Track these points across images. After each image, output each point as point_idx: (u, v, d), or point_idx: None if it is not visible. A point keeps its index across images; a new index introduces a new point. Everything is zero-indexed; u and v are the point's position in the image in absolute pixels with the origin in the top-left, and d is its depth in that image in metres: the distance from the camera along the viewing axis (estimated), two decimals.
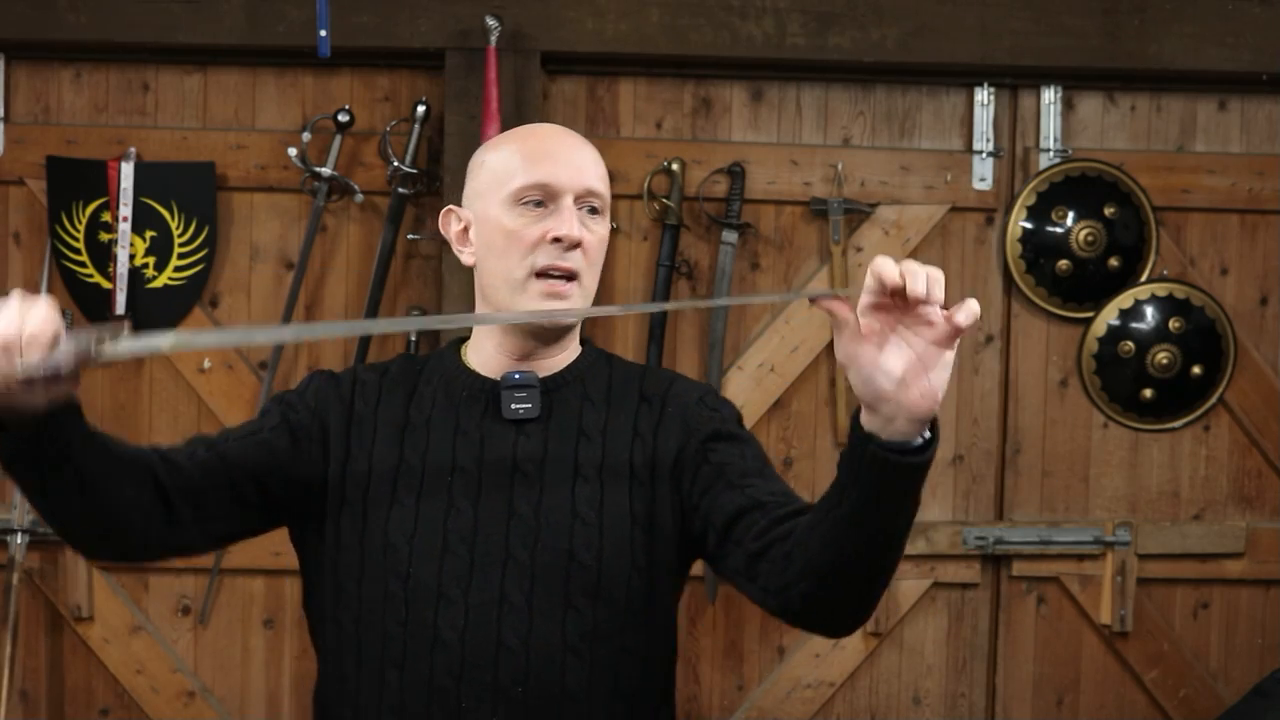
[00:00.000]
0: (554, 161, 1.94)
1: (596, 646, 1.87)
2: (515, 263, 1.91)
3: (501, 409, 1.93)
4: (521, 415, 1.93)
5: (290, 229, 3.99)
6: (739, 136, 4.04)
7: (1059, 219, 4.05)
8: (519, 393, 1.93)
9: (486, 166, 1.98)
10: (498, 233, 1.93)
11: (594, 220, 1.95)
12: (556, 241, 1.90)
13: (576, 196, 1.94)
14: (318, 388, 1.99)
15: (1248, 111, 4.13)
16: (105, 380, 3.98)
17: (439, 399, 1.97)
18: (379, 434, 1.94)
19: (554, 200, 1.93)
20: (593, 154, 2.00)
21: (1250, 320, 4.14)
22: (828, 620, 1.80)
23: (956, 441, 4.09)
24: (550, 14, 3.87)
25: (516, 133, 2.03)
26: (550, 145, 1.97)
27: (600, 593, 1.87)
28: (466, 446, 1.92)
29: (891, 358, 1.57)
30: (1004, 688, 4.12)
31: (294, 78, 3.99)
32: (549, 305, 1.90)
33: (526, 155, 1.95)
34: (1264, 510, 4.16)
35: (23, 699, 3.97)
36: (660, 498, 1.91)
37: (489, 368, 1.97)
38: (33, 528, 3.87)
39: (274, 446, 1.93)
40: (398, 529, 1.89)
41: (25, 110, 3.98)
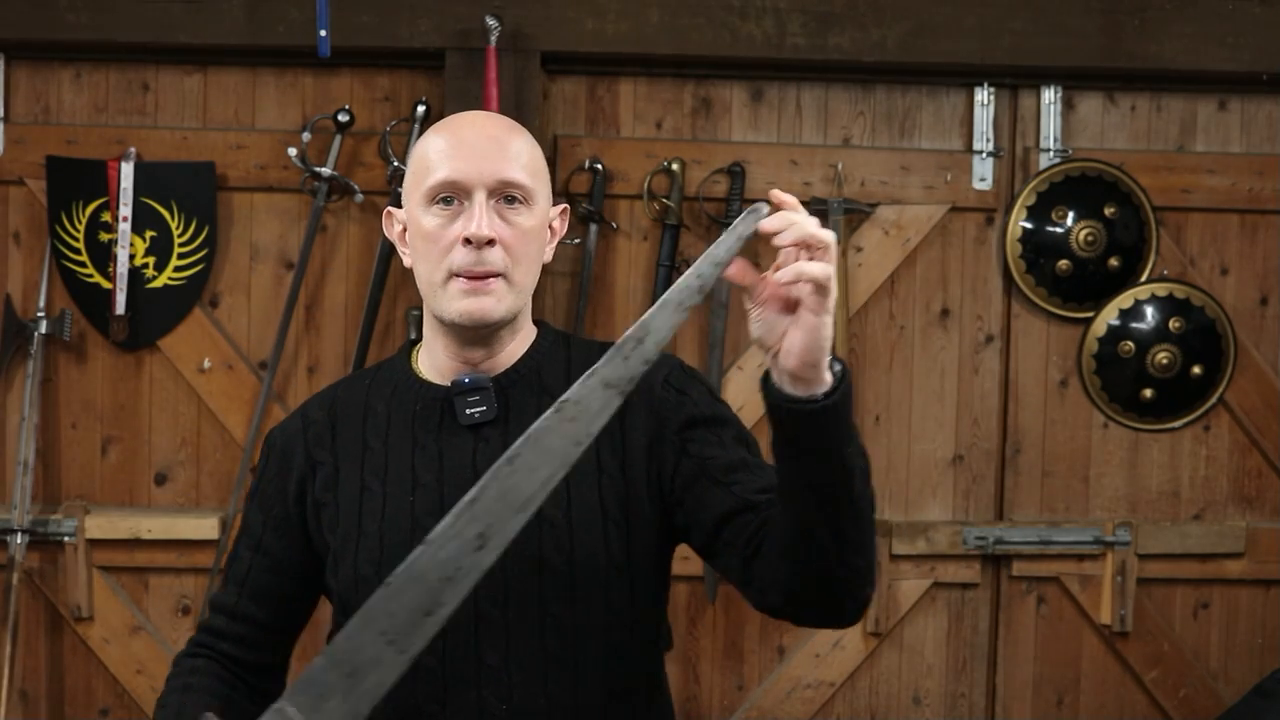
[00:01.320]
0: (464, 156, 1.83)
1: (580, 652, 1.82)
2: (434, 265, 1.83)
3: (457, 416, 1.87)
4: (478, 419, 1.86)
5: (290, 229, 3.99)
6: (739, 136, 4.04)
7: (1059, 219, 4.05)
8: (471, 396, 1.86)
9: (412, 162, 1.90)
10: (418, 235, 1.85)
11: (514, 211, 1.83)
12: (468, 242, 1.80)
13: (490, 190, 1.82)
14: (273, 459, 1.95)
15: (1248, 111, 4.13)
16: (105, 380, 3.98)
17: (394, 416, 1.91)
18: (340, 472, 1.90)
19: (466, 196, 1.83)
20: (514, 141, 1.87)
21: (1250, 320, 4.14)
22: (824, 606, 1.73)
23: (956, 441, 4.09)
24: (550, 14, 3.87)
25: (440, 125, 1.91)
26: (463, 137, 1.86)
27: (576, 597, 1.81)
28: (425, 461, 1.86)
29: (763, 311, 1.63)
30: (1004, 688, 4.12)
31: (294, 78, 3.99)
32: (469, 304, 1.81)
33: (440, 151, 1.85)
34: (1264, 510, 4.16)
35: (23, 699, 3.97)
36: (634, 488, 1.84)
37: (440, 372, 1.91)
38: (33, 528, 3.87)
39: (277, 556, 1.93)
40: (366, 560, 1.84)
41: (25, 110, 3.98)
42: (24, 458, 3.87)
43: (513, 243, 1.82)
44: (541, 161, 1.89)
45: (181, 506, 4.01)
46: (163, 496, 4.01)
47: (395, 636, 1.57)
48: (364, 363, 3.92)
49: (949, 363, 4.08)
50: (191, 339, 3.97)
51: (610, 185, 3.98)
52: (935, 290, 4.07)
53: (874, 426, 4.05)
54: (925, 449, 4.08)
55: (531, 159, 1.87)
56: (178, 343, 3.97)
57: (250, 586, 1.94)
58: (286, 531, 1.93)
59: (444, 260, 1.82)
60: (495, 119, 1.92)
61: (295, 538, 1.92)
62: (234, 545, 1.98)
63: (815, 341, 1.58)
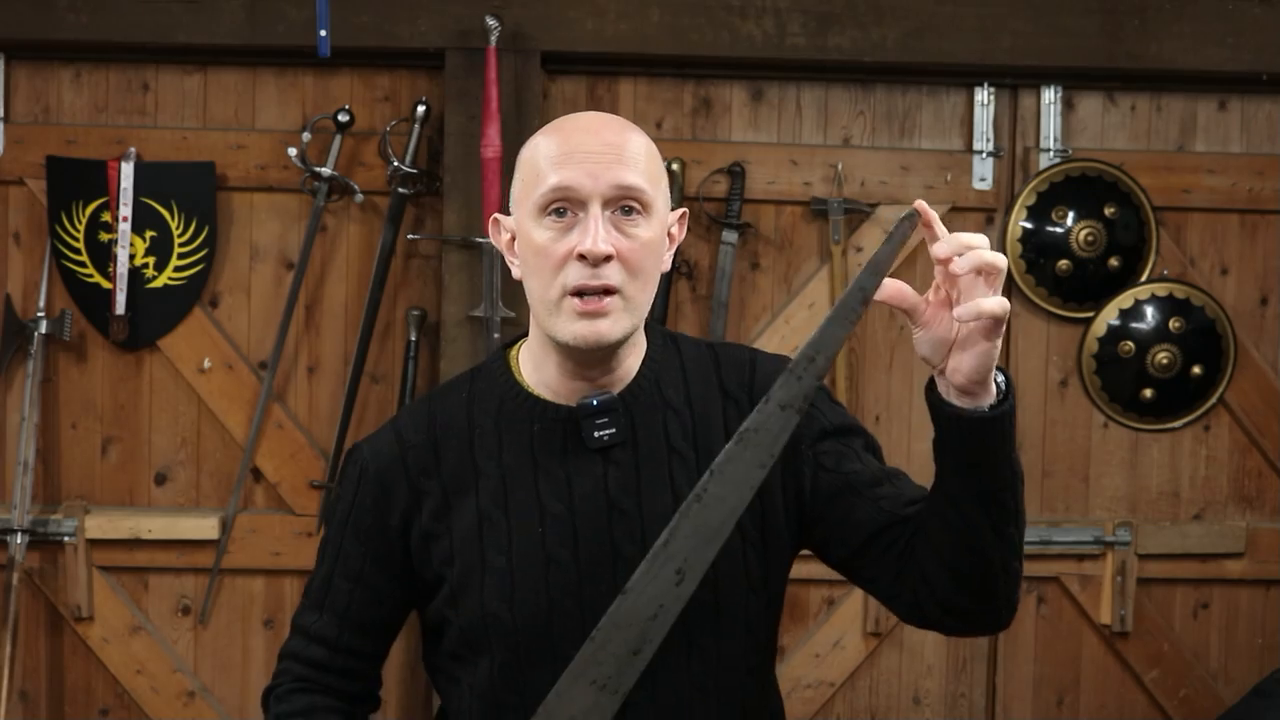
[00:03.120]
0: (577, 162, 1.71)
1: (722, 678, 1.78)
2: (547, 282, 1.72)
3: (583, 438, 1.76)
4: (607, 441, 1.76)
5: (290, 229, 3.99)
6: (739, 136, 4.04)
7: (1059, 219, 4.05)
8: (600, 418, 1.76)
9: (521, 168, 1.78)
10: (529, 248, 1.74)
11: (632, 222, 1.72)
12: (583, 258, 1.69)
13: (606, 200, 1.71)
14: (368, 486, 1.83)
15: (1248, 111, 4.13)
16: (105, 380, 3.98)
17: (506, 436, 1.79)
18: (451, 500, 1.79)
19: (581, 208, 1.71)
20: (630, 144, 1.75)
21: (1250, 320, 4.14)
22: (982, 614, 1.74)
23: None
24: (550, 14, 3.87)
25: (550, 127, 1.80)
26: (576, 141, 1.74)
27: (721, 626, 1.76)
28: (552, 488, 1.76)
29: (928, 332, 1.63)
30: (1004, 688, 4.12)
31: (294, 78, 3.99)
32: (584, 327, 1.70)
33: (550, 156, 1.73)
34: (1264, 510, 4.16)
35: (23, 699, 3.97)
36: (770, 509, 1.78)
37: (554, 390, 1.79)
38: (33, 528, 3.87)
39: (380, 589, 1.85)
40: (494, 596, 1.75)
41: (25, 110, 3.98)
42: (24, 458, 3.87)
43: (631, 257, 1.71)
44: (660, 165, 1.78)
45: (181, 506, 4.00)
46: (163, 496, 4.01)
47: (606, 681, 1.64)
48: (364, 363, 3.92)
49: None
50: (191, 339, 3.97)
51: None
52: None
53: (874, 426, 4.05)
54: (925, 449, 4.04)
55: (649, 163, 1.76)
56: (178, 343, 3.97)
57: (353, 619, 1.86)
58: (389, 564, 1.83)
59: (557, 277, 1.71)
60: (610, 120, 1.80)
61: (397, 570, 1.83)
62: (325, 570, 1.88)
63: (987, 364, 1.60)
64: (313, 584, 1.91)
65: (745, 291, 4.04)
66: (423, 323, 3.91)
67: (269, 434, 3.95)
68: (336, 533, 1.87)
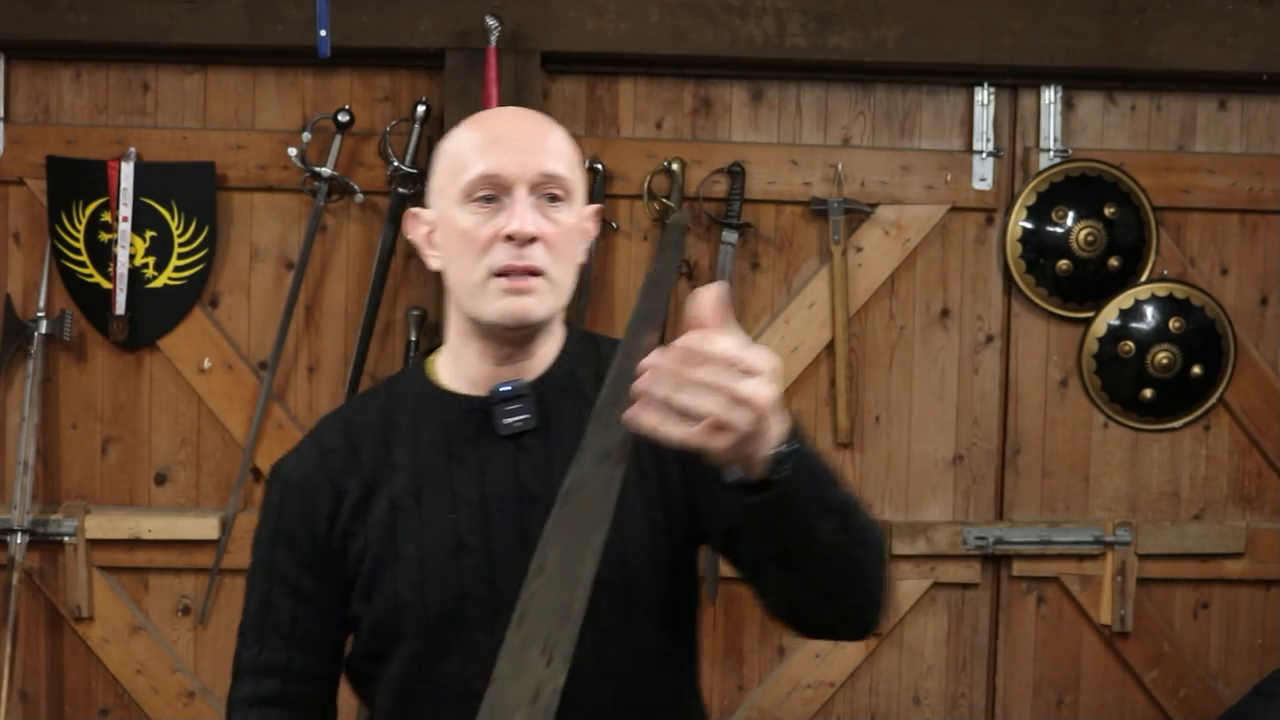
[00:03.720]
0: (503, 149, 1.75)
1: (634, 664, 1.77)
2: (472, 264, 1.74)
3: (495, 426, 1.77)
4: (519, 428, 1.77)
5: (290, 229, 3.99)
6: (739, 136, 4.04)
7: (1059, 219, 4.05)
8: (511, 405, 1.77)
9: (442, 160, 1.81)
10: (453, 234, 1.76)
11: (555, 209, 1.75)
12: (510, 239, 1.72)
13: (531, 185, 1.74)
14: (292, 497, 1.82)
15: (1248, 111, 4.13)
16: (105, 380, 3.98)
17: (422, 430, 1.81)
18: (369, 497, 1.79)
19: (506, 192, 1.74)
20: (552, 136, 1.79)
21: (1250, 320, 4.14)
22: (828, 631, 1.70)
23: (956, 441, 4.09)
24: (550, 14, 3.87)
25: (471, 120, 1.83)
26: (501, 131, 1.78)
27: (631, 610, 1.75)
28: (465, 475, 1.77)
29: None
30: (1004, 688, 4.12)
31: (294, 78, 3.99)
32: (511, 304, 1.73)
33: (475, 145, 1.77)
34: (1264, 510, 4.16)
35: (22, 699, 3.97)
36: (672, 493, 1.78)
37: (470, 381, 1.81)
38: (33, 528, 3.87)
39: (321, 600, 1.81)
40: (407, 585, 1.75)
41: (25, 110, 3.98)
42: (24, 458, 3.87)
43: (555, 240, 1.75)
44: (578, 158, 1.82)
45: (181, 506, 4.00)
46: (163, 496, 4.01)
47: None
48: (364, 363, 3.92)
49: (949, 363, 4.08)
50: (191, 339, 3.97)
51: (610, 185, 3.98)
52: (935, 290, 4.07)
53: (874, 426, 4.05)
54: (925, 449, 4.08)
55: (569, 154, 1.80)
56: (178, 343, 3.97)
57: (299, 638, 1.82)
58: (325, 572, 1.81)
59: (483, 259, 1.74)
60: (530, 114, 1.86)
61: (334, 576, 1.80)
62: (261, 594, 1.84)
63: (732, 459, 1.45)
64: (247, 617, 1.86)
65: (745, 291, 4.04)
66: (423, 323, 3.91)
67: (269, 434, 3.95)
68: (266, 552, 1.84)
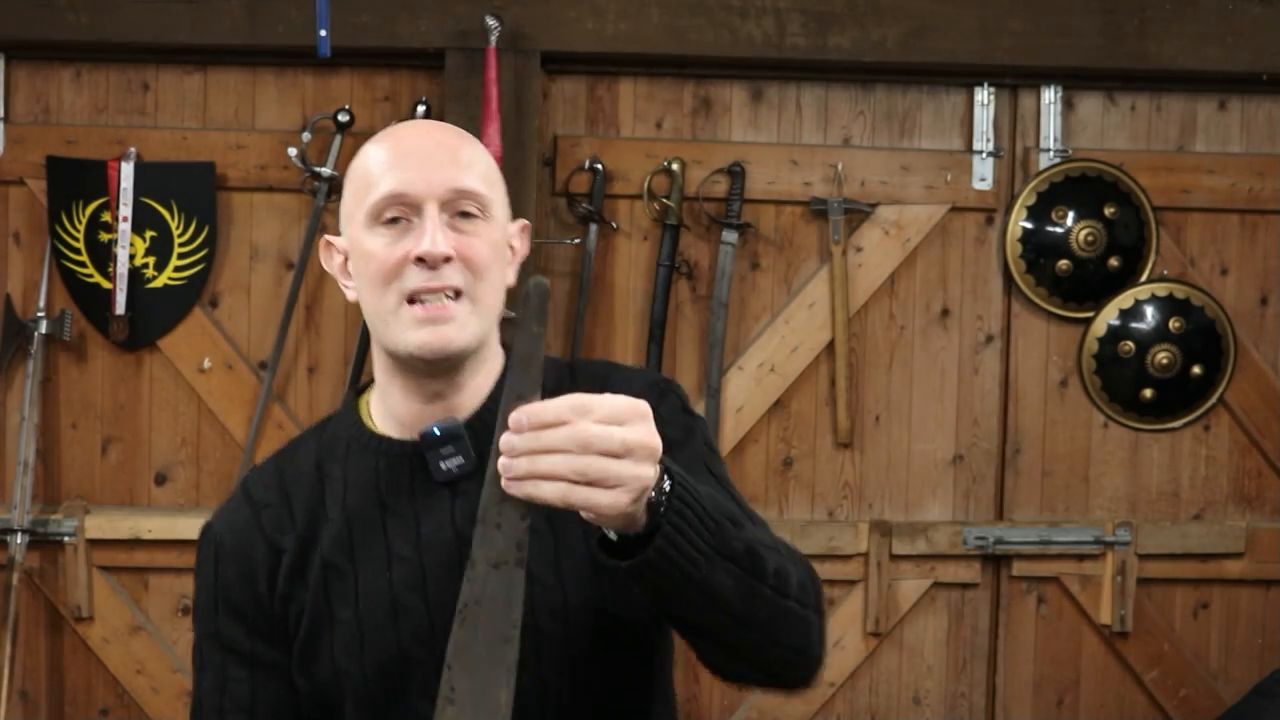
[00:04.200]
0: (409, 165, 1.61)
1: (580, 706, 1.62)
2: (383, 292, 1.60)
3: (430, 472, 1.63)
4: (454, 473, 1.62)
5: (290, 229, 3.99)
6: (739, 136, 4.04)
7: (1059, 219, 4.05)
8: (445, 447, 1.62)
9: (350, 181, 1.67)
10: (361, 260, 1.62)
11: (470, 225, 1.61)
12: (421, 261, 1.58)
13: (443, 203, 1.60)
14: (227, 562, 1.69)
15: (1248, 111, 4.13)
16: (105, 380, 3.99)
17: (352, 479, 1.67)
18: (305, 556, 1.65)
19: (415, 212, 1.60)
20: (466, 149, 1.65)
21: (1250, 320, 4.14)
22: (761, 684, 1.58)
23: (956, 441, 4.09)
24: (550, 14, 3.87)
25: (379, 136, 1.69)
26: (407, 146, 1.64)
27: (575, 659, 1.61)
28: (400, 529, 1.62)
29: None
30: (1004, 688, 4.12)
31: (294, 78, 3.99)
32: (428, 334, 1.59)
33: (381, 163, 1.63)
34: (1264, 510, 4.16)
35: (23, 699, 3.97)
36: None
37: (400, 422, 1.66)
38: (33, 528, 3.87)
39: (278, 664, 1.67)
40: (344, 652, 1.62)
41: (25, 110, 3.98)
42: (24, 458, 3.87)
43: (473, 256, 1.60)
44: (496, 173, 1.68)
45: (181, 506, 4.00)
46: (163, 496, 4.01)
47: None
48: (363, 363, 3.92)
49: (949, 363, 4.08)
50: (191, 339, 3.97)
51: (610, 185, 3.98)
52: (935, 290, 4.07)
53: (874, 426, 4.05)
54: (925, 449, 4.08)
55: (486, 168, 1.66)
56: (178, 343, 3.97)
57: (262, 711, 1.67)
58: (276, 636, 1.66)
59: (394, 285, 1.59)
60: (440, 125, 1.71)
61: (283, 639, 1.67)
62: (214, 670, 1.68)
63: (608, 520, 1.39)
64: (201, 696, 1.70)
65: (745, 291, 4.04)
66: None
67: (269, 434, 3.95)
68: (210, 624, 1.69)
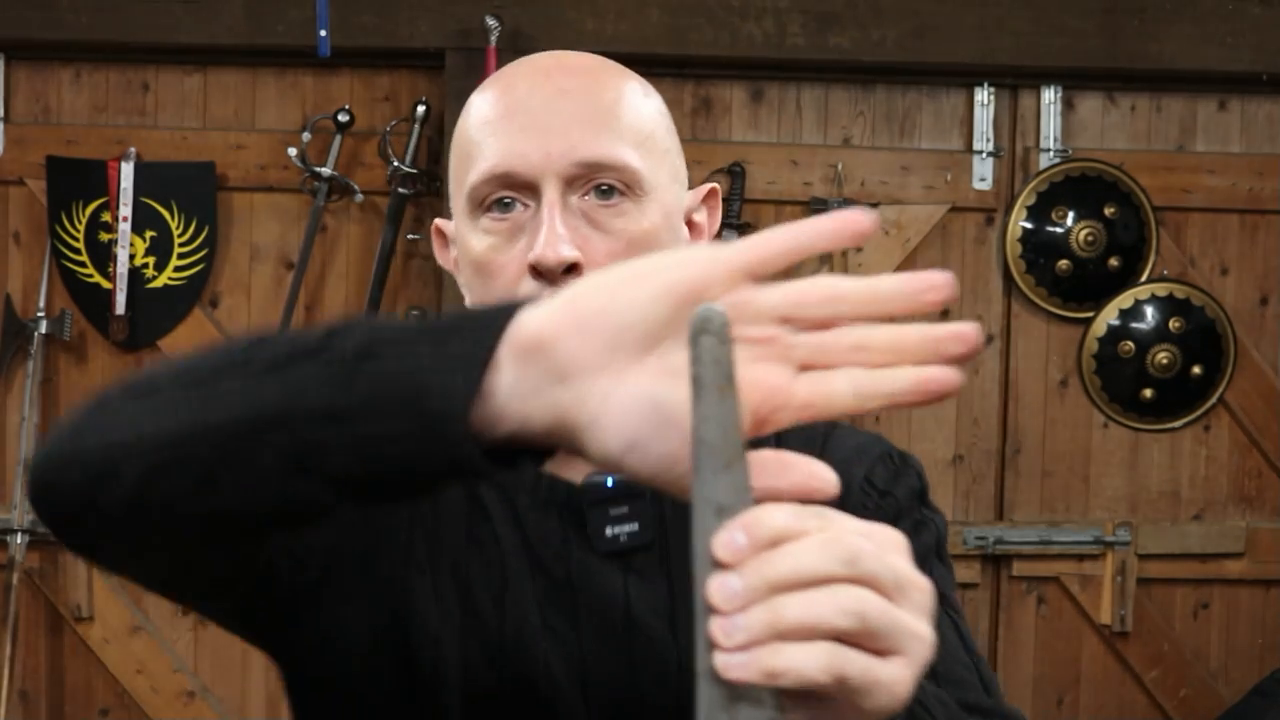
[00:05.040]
0: (516, 126, 1.15)
1: None
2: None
3: (590, 535, 1.16)
4: (624, 544, 1.16)
5: (290, 229, 4.00)
6: (739, 136, 4.05)
7: (1059, 219, 4.05)
8: (616, 508, 1.16)
9: (454, 146, 1.22)
10: (465, 260, 1.19)
11: (613, 210, 1.14)
12: (537, 272, 1.13)
13: (566, 179, 1.14)
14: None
15: (1248, 111, 4.13)
16: (105, 380, 3.97)
17: (497, 506, 1.19)
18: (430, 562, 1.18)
19: (530, 195, 1.15)
20: (606, 90, 1.17)
21: (1250, 320, 4.14)
22: None
23: (956, 441, 4.09)
24: (550, 14, 3.87)
25: (488, 81, 1.22)
26: (521, 95, 1.16)
27: None
28: (555, 594, 1.16)
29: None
30: (1004, 688, 4.11)
31: (294, 78, 3.99)
32: None
33: (481, 124, 1.17)
34: (1264, 510, 4.16)
35: (23, 699, 3.98)
36: None
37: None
38: (32, 528, 3.87)
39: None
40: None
41: (25, 110, 3.98)
42: (24, 458, 3.87)
43: (609, 258, 1.12)
44: (658, 123, 1.20)
45: None
46: None
47: None
48: None
49: None
50: (191, 339, 3.97)
51: None
52: None
53: (874, 426, 4.04)
54: (925, 449, 4.08)
55: (641, 120, 1.17)
56: (178, 343, 3.97)
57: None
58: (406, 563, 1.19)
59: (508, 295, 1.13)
60: (577, 59, 1.21)
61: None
62: None
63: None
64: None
65: None
66: None
67: None
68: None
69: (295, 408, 0.84)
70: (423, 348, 0.81)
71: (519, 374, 0.79)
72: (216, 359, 0.91)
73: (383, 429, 0.81)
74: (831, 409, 0.77)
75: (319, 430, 0.83)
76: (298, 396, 0.84)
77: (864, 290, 0.78)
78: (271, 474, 0.86)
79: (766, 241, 0.79)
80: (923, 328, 0.78)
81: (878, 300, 0.79)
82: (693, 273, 0.78)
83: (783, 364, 0.77)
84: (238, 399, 0.87)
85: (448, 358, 0.80)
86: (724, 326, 0.74)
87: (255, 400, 0.86)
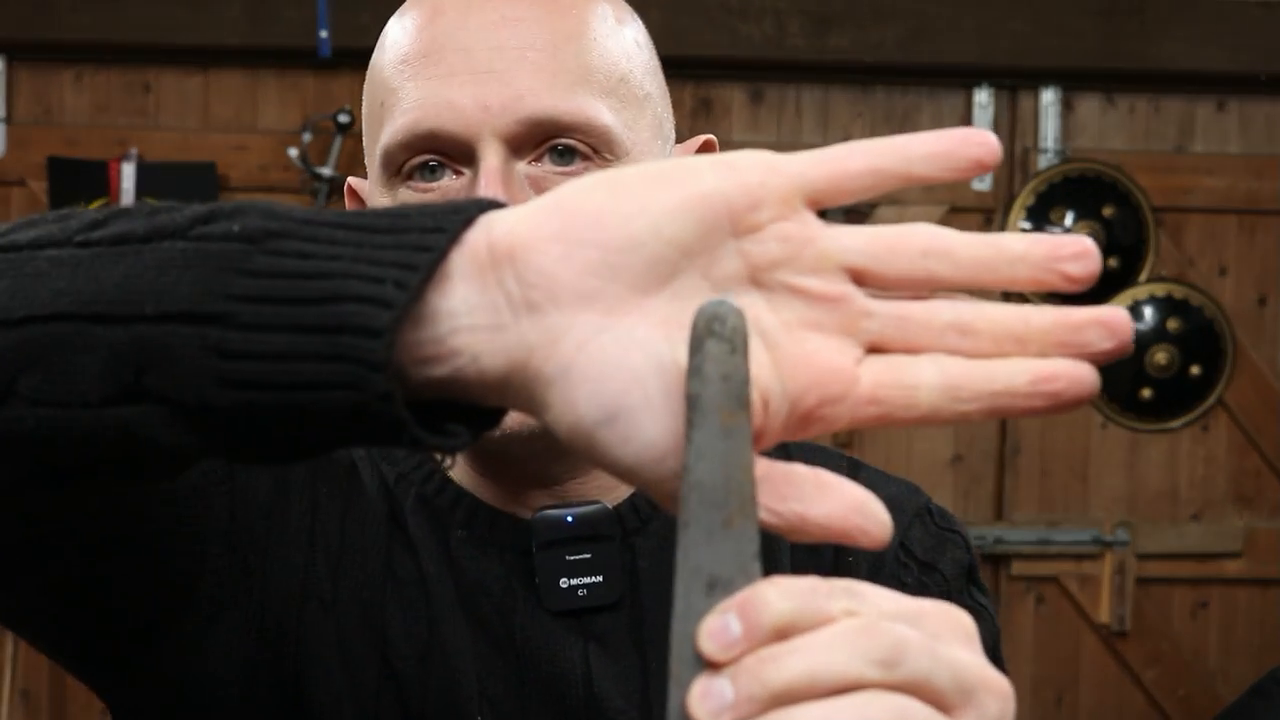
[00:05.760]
0: (452, 71, 0.89)
1: None
2: None
3: (540, 587, 0.93)
4: (584, 600, 0.93)
5: None
6: (739, 137, 4.05)
7: (1058, 220, 4.06)
8: (575, 553, 0.93)
9: (366, 87, 0.96)
10: None
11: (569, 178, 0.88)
12: None
13: (513, 140, 0.89)
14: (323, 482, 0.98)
15: (1246, 112, 4.13)
16: None
17: (426, 539, 0.95)
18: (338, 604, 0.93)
19: (464, 158, 0.90)
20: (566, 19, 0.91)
21: (1249, 320, 4.15)
22: None
23: (955, 441, 4.09)
24: None
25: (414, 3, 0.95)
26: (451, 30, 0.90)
27: None
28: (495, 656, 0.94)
29: None
30: None
31: (294, 78, 3.99)
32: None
33: (404, 61, 0.91)
34: (1262, 510, 4.17)
35: (24, 698, 3.98)
36: None
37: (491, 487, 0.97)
38: None
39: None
40: None
41: (27, 111, 3.98)
42: None
43: None
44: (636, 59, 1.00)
45: None
46: None
47: None
48: None
49: None
50: None
51: None
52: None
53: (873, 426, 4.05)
54: (924, 449, 4.08)
55: (609, 56, 0.94)
56: None
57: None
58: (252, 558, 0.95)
59: None
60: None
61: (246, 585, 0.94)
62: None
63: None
64: None
65: None
66: None
67: None
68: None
69: (140, 297, 0.57)
70: (342, 240, 0.56)
71: (473, 293, 0.55)
72: (44, 226, 0.63)
73: (263, 343, 0.55)
74: (909, 410, 0.58)
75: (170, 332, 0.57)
76: (149, 283, 0.58)
77: (981, 248, 0.58)
78: (91, 386, 0.58)
79: (846, 155, 0.60)
80: (1052, 310, 0.59)
81: (1000, 264, 0.58)
82: (737, 182, 0.59)
83: (847, 337, 0.57)
84: (65, 278, 0.59)
85: (376, 257, 0.55)
86: (739, 329, 0.53)
87: (88, 283, 0.59)
